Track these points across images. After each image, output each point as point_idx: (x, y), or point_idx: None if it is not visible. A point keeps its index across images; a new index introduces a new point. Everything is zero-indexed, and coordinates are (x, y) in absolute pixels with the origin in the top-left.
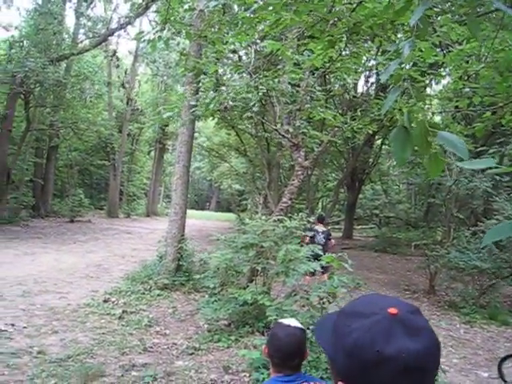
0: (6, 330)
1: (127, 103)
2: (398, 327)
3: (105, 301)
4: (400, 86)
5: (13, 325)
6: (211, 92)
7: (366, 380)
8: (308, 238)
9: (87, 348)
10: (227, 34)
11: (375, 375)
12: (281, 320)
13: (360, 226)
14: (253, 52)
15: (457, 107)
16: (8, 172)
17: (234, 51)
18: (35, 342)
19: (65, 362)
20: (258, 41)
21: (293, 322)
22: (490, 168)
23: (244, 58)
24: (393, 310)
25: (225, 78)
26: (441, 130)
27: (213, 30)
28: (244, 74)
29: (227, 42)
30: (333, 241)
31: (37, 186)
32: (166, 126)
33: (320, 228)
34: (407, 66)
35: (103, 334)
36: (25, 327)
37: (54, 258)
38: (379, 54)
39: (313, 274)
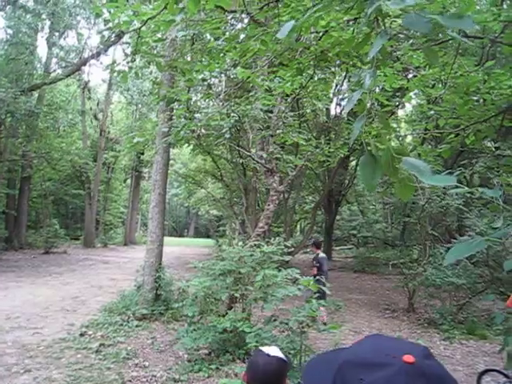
0: None
1: (100, 134)
2: (417, 379)
3: (81, 334)
4: (364, 115)
5: None
6: (182, 119)
7: None
8: (316, 270)
9: None
10: (200, 62)
11: None
12: (262, 348)
13: (339, 247)
14: (224, 80)
15: (426, 129)
16: None
17: (204, 80)
18: (6, 383)
19: None
20: (231, 68)
21: (273, 351)
22: (456, 187)
23: (216, 83)
24: (409, 358)
25: (197, 105)
26: (407, 154)
27: (184, 58)
28: (216, 102)
29: (198, 70)
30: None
31: (10, 218)
32: (142, 153)
33: (322, 254)
34: (370, 102)
35: (79, 369)
36: None
37: (29, 292)
38: (346, 79)
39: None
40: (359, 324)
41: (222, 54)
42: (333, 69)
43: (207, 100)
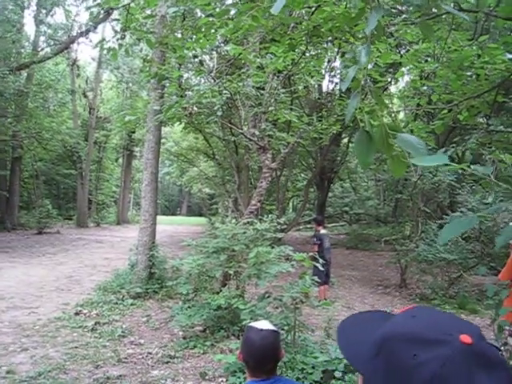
0: None
1: (89, 112)
2: (475, 361)
3: (76, 313)
4: (359, 92)
5: None
6: (174, 97)
7: None
8: (317, 247)
9: (59, 363)
10: (190, 39)
11: None
12: (253, 324)
13: (331, 224)
14: (215, 57)
15: (418, 105)
16: None
17: (196, 56)
18: (3, 361)
19: (36, 379)
20: (222, 45)
21: (265, 325)
22: (445, 165)
23: (207, 61)
24: (466, 339)
25: (189, 82)
26: (401, 130)
27: (175, 35)
28: (208, 79)
29: (189, 47)
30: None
31: (1, 199)
32: (133, 132)
33: (323, 231)
34: (364, 79)
35: (75, 347)
36: None
37: (23, 272)
38: (339, 55)
39: (326, 282)
40: (352, 300)
41: (213, 31)
42: (325, 45)
43: (199, 77)
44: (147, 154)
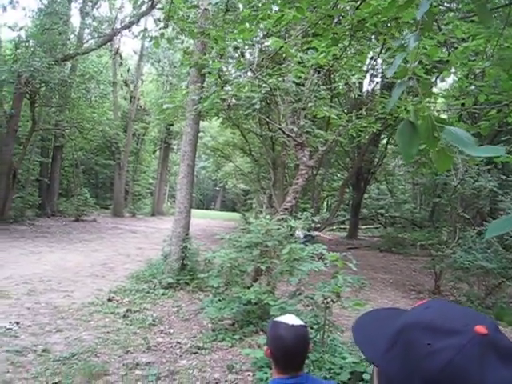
0: (11, 329)
1: (130, 101)
2: (490, 351)
3: (109, 299)
4: (404, 81)
5: (18, 323)
6: (213, 87)
7: None
8: None
9: (91, 346)
10: (231, 32)
11: None
12: (280, 319)
13: (365, 226)
14: (257, 50)
15: (463, 105)
16: (14, 172)
17: (237, 48)
18: (40, 341)
19: (69, 360)
20: (262, 40)
21: (295, 321)
22: (500, 156)
23: (247, 56)
24: (481, 329)
25: (229, 74)
26: (448, 124)
27: (216, 28)
28: (248, 73)
29: (230, 39)
30: None
31: (43, 186)
32: (171, 125)
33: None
34: (413, 64)
35: (107, 332)
36: (29, 325)
37: (60, 257)
38: (383, 52)
39: None
40: (383, 303)
41: (255, 22)
42: (368, 42)
43: (238, 70)
44: (185, 147)
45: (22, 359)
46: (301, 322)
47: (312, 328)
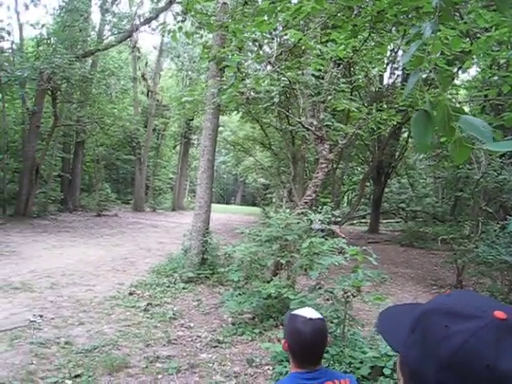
0: (34, 321)
1: (147, 95)
2: (508, 335)
3: (130, 293)
4: (420, 69)
5: (41, 316)
6: (232, 80)
7: None
8: None
9: (112, 339)
10: (249, 25)
11: None
12: (297, 312)
13: (386, 220)
14: (275, 43)
15: (486, 97)
16: (37, 167)
17: (255, 40)
18: (62, 333)
19: (91, 352)
20: (281, 33)
21: (313, 314)
22: None
23: (266, 48)
24: (500, 314)
25: (246, 68)
26: (465, 113)
27: (235, 21)
28: (268, 67)
29: (248, 32)
30: None
31: (65, 181)
32: (191, 120)
33: None
34: (432, 55)
35: (128, 326)
36: (52, 318)
37: (82, 251)
38: (404, 43)
39: None
40: (404, 298)
41: (274, 15)
42: (389, 34)
43: (257, 64)
44: (204, 141)
45: (46, 351)
46: (319, 315)
47: (332, 322)
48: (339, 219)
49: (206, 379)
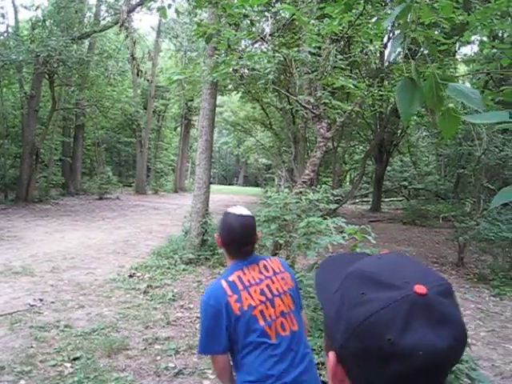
0: (35, 305)
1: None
2: (421, 312)
3: (130, 276)
4: (403, 33)
5: (41, 300)
6: (223, 56)
7: (364, 373)
8: None
9: (112, 322)
10: None
11: (378, 370)
12: (230, 210)
13: (388, 199)
14: (269, 18)
15: (488, 74)
16: (37, 152)
17: (246, 16)
18: (62, 316)
19: (90, 335)
20: (274, 9)
21: (243, 211)
22: (504, 122)
23: (264, 25)
24: (420, 289)
25: (239, 45)
26: (454, 81)
27: None
28: (263, 45)
29: (239, 6)
30: None
31: (66, 165)
32: (191, 100)
33: None
34: (412, 18)
35: (128, 308)
36: (53, 302)
37: (83, 235)
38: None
39: None
40: None
41: None
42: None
43: (250, 40)
44: (202, 122)
45: (46, 334)
46: (249, 213)
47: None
48: (339, 198)
49: (204, 359)
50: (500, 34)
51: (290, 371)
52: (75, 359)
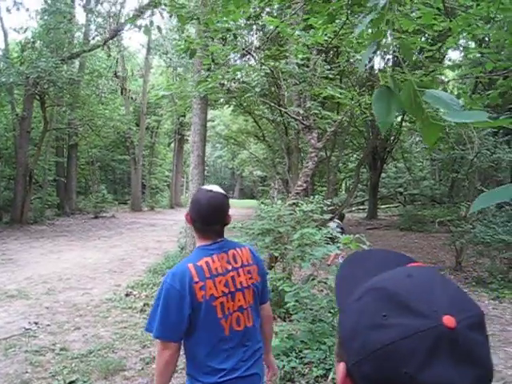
0: (30, 329)
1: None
2: (446, 347)
3: (127, 294)
4: (376, 42)
5: (36, 323)
6: (206, 71)
7: None
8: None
9: (108, 343)
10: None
11: None
12: (203, 186)
13: (385, 206)
14: (256, 31)
15: (472, 74)
16: (30, 173)
17: (229, 30)
18: (58, 339)
19: (86, 357)
20: (258, 21)
21: (215, 188)
22: (483, 122)
23: (251, 38)
24: (450, 321)
25: (224, 59)
26: (432, 88)
27: (207, 11)
28: (251, 59)
29: (220, 20)
30: None
31: (60, 185)
32: (183, 116)
33: None
34: (386, 28)
35: (124, 328)
36: (48, 325)
37: (79, 255)
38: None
39: None
40: None
41: (243, 3)
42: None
43: (235, 54)
44: (194, 137)
45: (41, 359)
46: (220, 190)
47: (330, 312)
48: (333, 208)
49: None
50: (487, 39)
51: (241, 366)
52: (71, 383)
